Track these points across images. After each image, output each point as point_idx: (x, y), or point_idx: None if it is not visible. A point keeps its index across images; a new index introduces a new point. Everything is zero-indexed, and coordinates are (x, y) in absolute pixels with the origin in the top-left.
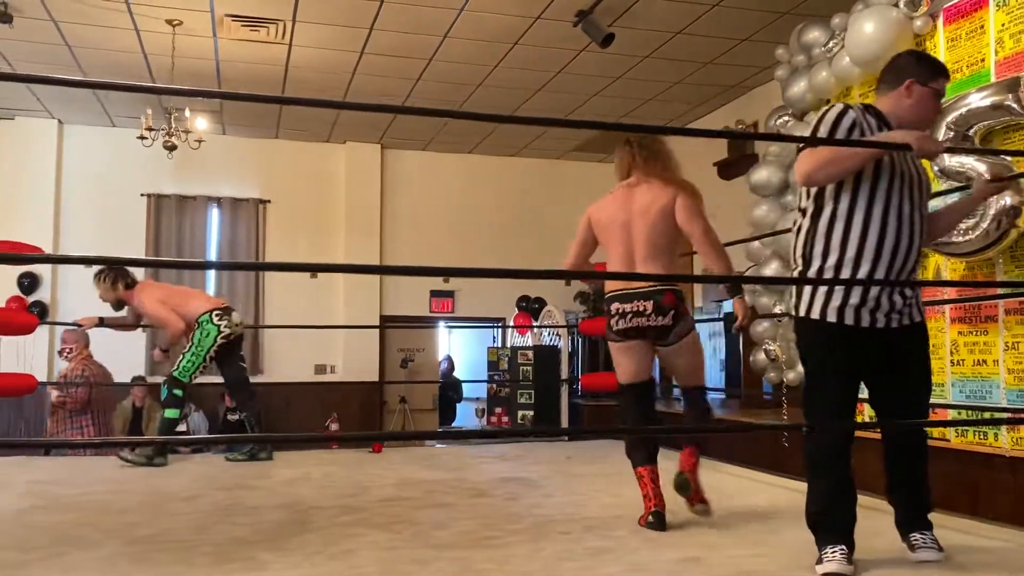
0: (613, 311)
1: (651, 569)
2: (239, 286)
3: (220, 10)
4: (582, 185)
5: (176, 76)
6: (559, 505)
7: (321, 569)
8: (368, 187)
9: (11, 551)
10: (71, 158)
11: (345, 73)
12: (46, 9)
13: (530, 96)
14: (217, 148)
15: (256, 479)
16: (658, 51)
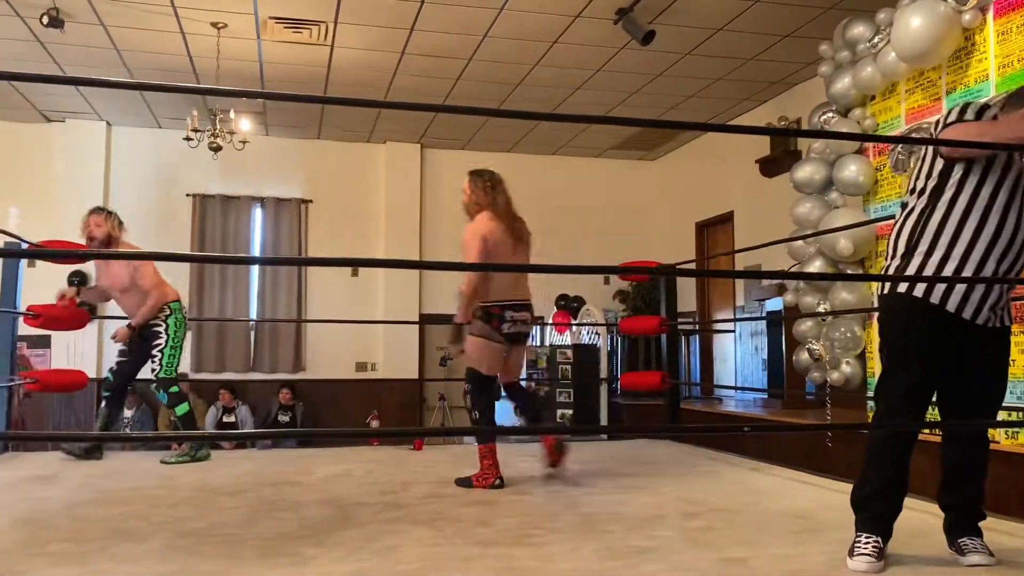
0: (507, 317)
1: (694, 568)
2: (282, 285)
3: (264, 12)
4: (622, 183)
5: (221, 78)
6: (600, 504)
7: (366, 564)
8: (408, 186)
9: (67, 543)
10: (119, 159)
11: (386, 73)
12: (96, 14)
13: (570, 94)
14: (261, 149)
15: (299, 475)
16: (699, 48)
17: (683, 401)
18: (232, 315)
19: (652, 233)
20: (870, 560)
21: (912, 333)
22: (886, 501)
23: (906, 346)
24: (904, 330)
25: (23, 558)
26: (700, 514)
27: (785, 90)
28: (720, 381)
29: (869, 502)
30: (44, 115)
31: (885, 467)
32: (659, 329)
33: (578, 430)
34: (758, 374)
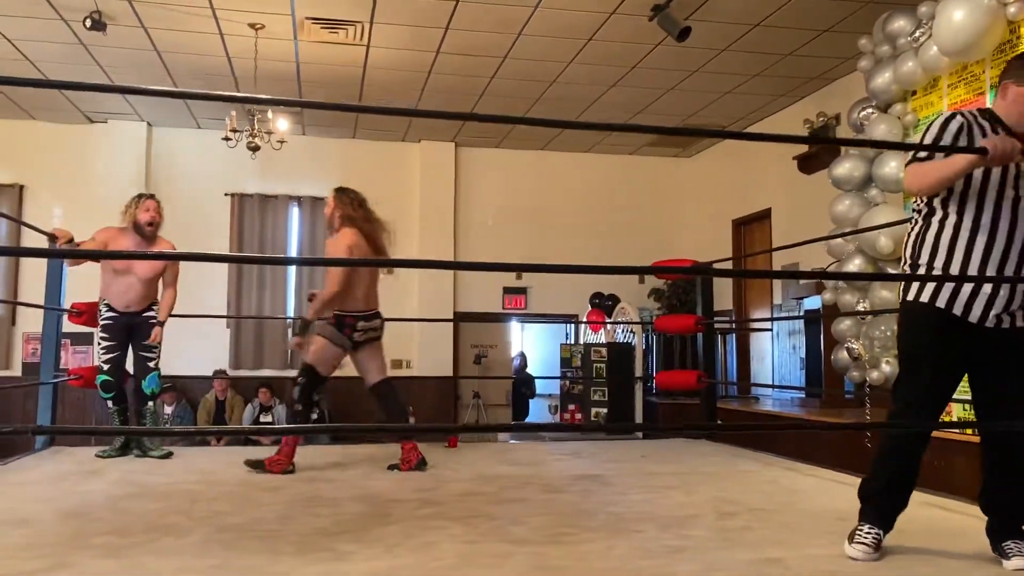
0: (359, 327)
1: (729, 568)
2: (319, 283)
3: (301, 13)
4: (657, 180)
5: (259, 79)
6: (633, 503)
7: (402, 561)
8: (442, 185)
9: (110, 536)
10: (159, 159)
11: (421, 72)
12: (137, 16)
13: (604, 92)
14: (297, 148)
15: (335, 471)
16: (736, 44)
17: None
18: (270, 313)
19: (688, 231)
20: (867, 550)
21: (921, 337)
22: (892, 497)
23: (915, 350)
24: (913, 335)
25: (69, 550)
26: (736, 514)
27: (823, 86)
28: (757, 380)
29: (877, 496)
30: (87, 116)
31: (895, 466)
32: (695, 328)
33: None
34: (795, 373)
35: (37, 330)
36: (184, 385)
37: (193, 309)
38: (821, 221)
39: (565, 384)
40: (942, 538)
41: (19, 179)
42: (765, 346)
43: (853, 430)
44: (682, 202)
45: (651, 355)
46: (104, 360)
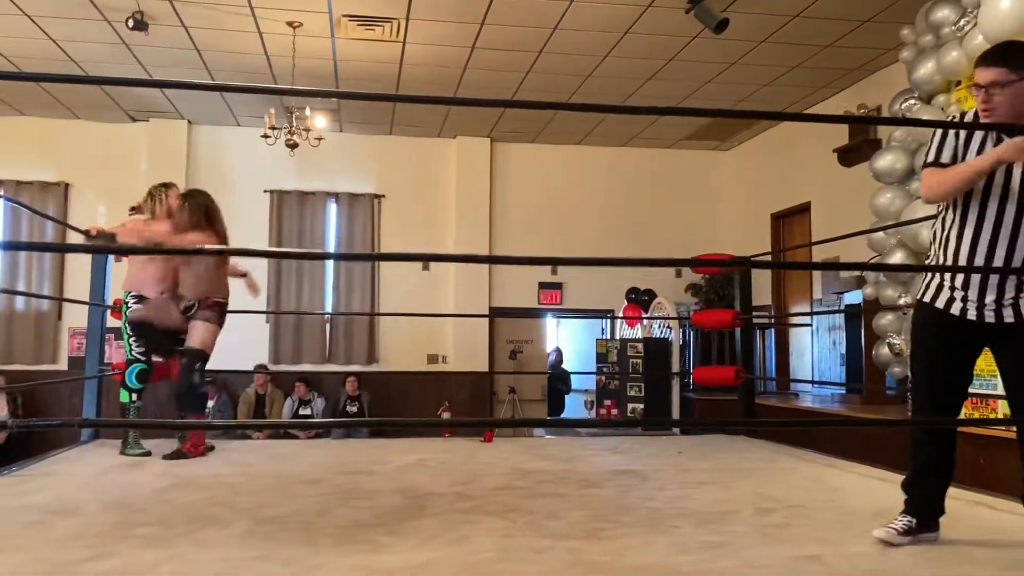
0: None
1: (769, 565)
2: (355, 279)
3: (338, 11)
4: (694, 174)
5: (296, 76)
6: (671, 499)
7: (439, 553)
8: (478, 180)
9: (154, 527)
10: (200, 157)
11: (456, 68)
12: (178, 16)
13: (640, 85)
14: (335, 145)
15: (373, 465)
16: (775, 35)
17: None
18: (308, 308)
19: (726, 225)
20: (892, 532)
21: (923, 336)
22: (923, 488)
23: (917, 348)
24: (918, 333)
25: (114, 540)
26: (775, 510)
27: (864, 77)
28: (796, 376)
29: (909, 488)
30: (130, 115)
31: (919, 457)
32: (733, 323)
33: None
34: (836, 369)
35: (82, 325)
36: (225, 380)
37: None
38: (862, 215)
39: (601, 380)
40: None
41: (64, 177)
42: (805, 341)
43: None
44: (720, 196)
45: (688, 350)
46: (139, 352)
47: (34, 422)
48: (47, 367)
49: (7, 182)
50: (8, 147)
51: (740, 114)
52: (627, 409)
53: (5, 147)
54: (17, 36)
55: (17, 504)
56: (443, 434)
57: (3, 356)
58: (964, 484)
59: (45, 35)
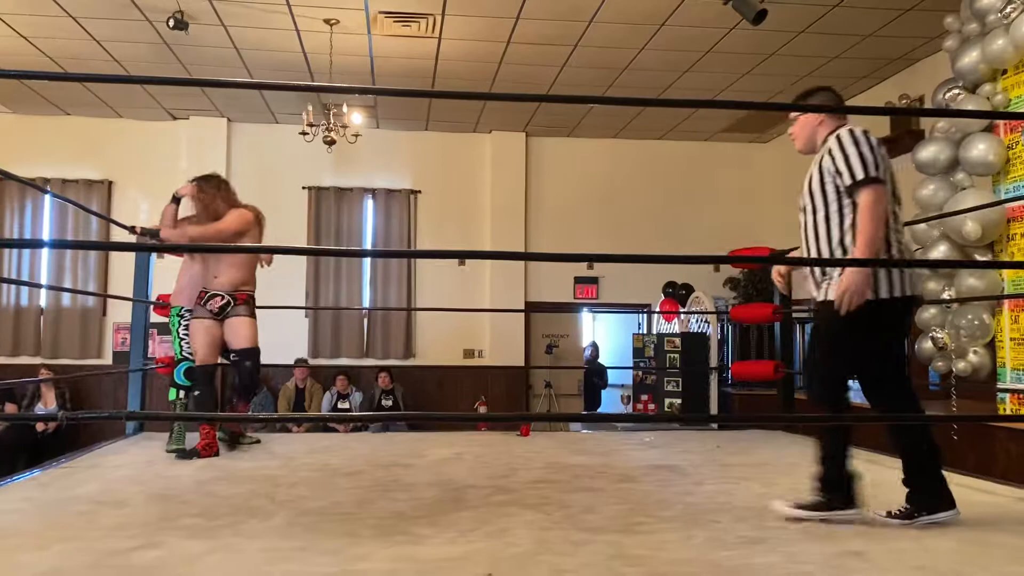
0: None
1: (809, 561)
2: (392, 274)
3: (374, 7)
4: (732, 167)
5: (333, 73)
6: (709, 493)
7: (477, 546)
8: (513, 175)
9: (198, 518)
10: (239, 154)
11: (492, 63)
12: (217, 15)
13: (677, 78)
14: (371, 142)
15: (411, 458)
16: (814, 25)
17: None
18: (346, 304)
19: (765, 218)
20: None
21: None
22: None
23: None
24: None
25: (159, 531)
26: None
27: (906, 67)
28: None
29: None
30: (170, 113)
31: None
32: (772, 317)
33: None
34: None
35: (126, 321)
36: (265, 374)
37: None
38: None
39: (638, 374)
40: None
41: (108, 175)
42: None
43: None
44: (759, 188)
45: (726, 345)
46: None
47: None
48: (92, 361)
49: (53, 180)
50: (54, 146)
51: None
52: (664, 404)
53: (51, 146)
54: (63, 37)
55: (66, 495)
56: (479, 428)
57: (51, 351)
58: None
59: (89, 36)
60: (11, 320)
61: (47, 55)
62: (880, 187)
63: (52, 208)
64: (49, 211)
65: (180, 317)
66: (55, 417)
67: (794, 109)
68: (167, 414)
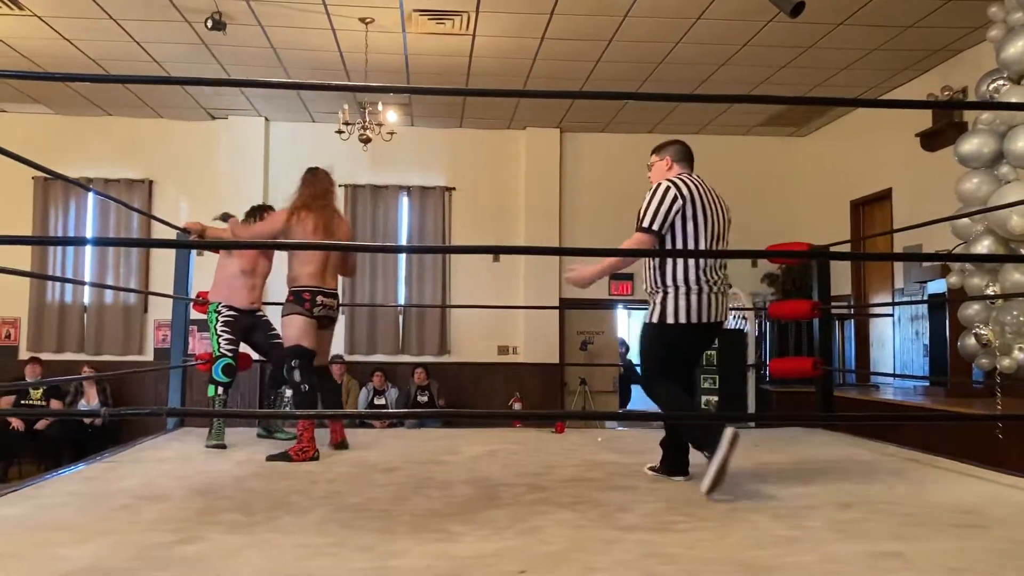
0: (317, 301)
1: (846, 560)
2: (427, 271)
3: (409, 6)
4: (770, 161)
5: (369, 71)
6: (746, 492)
7: (511, 543)
8: (547, 171)
9: (236, 513)
10: (277, 153)
11: (526, 60)
12: (255, 16)
13: (713, 71)
14: (406, 139)
15: (446, 455)
16: (853, 17)
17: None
18: (382, 300)
19: (803, 213)
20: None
21: None
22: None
23: None
24: None
25: (198, 525)
26: (853, 505)
27: (949, 58)
28: (877, 368)
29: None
30: (209, 113)
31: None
32: (811, 313)
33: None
34: (919, 360)
35: (167, 317)
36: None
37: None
38: (946, 201)
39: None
40: None
41: (148, 175)
42: (886, 332)
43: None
44: (797, 183)
45: (764, 342)
46: (227, 349)
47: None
48: (134, 358)
49: (96, 180)
50: (97, 147)
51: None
52: (701, 402)
53: (94, 147)
54: (104, 39)
55: (109, 489)
56: (513, 425)
57: (94, 347)
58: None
59: (130, 37)
60: (56, 317)
61: (89, 57)
62: (646, 236)
63: (95, 207)
64: (92, 210)
65: (218, 313)
66: (97, 413)
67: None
68: (206, 411)
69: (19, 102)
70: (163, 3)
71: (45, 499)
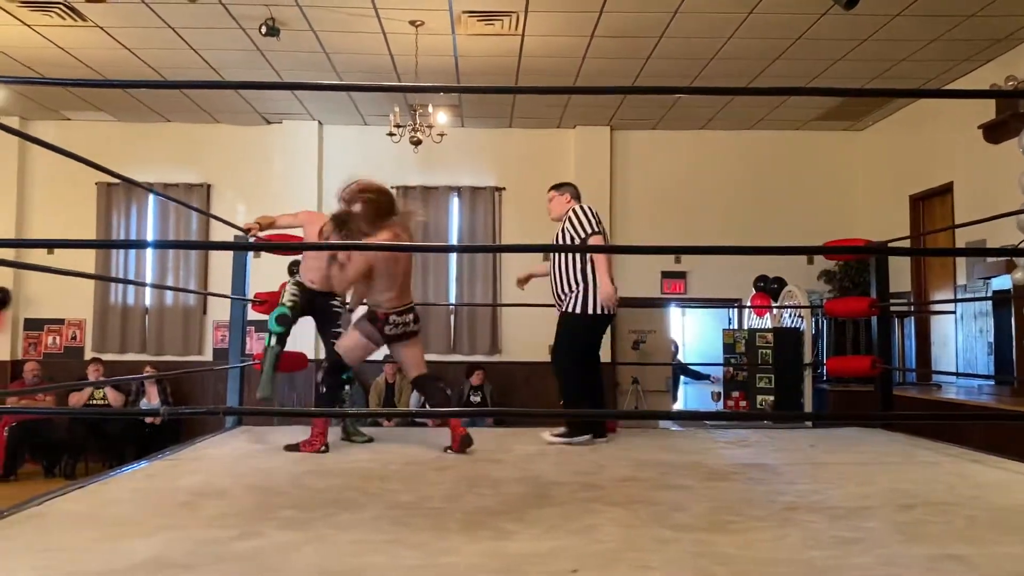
0: (390, 321)
1: (906, 563)
2: (478, 270)
3: (458, 7)
4: (825, 156)
5: (419, 73)
6: (803, 492)
7: (564, 542)
8: (597, 169)
9: (292, 510)
10: (330, 156)
11: (575, 58)
12: (307, 21)
13: (767, 66)
14: (456, 140)
15: (498, 453)
16: (911, 7)
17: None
18: (433, 300)
19: (860, 208)
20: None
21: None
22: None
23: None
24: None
25: (256, 521)
26: (914, 507)
27: (1013, 47)
28: (939, 366)
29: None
30: (264, 118)
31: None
32: (869, 311)
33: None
34: (983, 359)
35: (225, 318)
36: (357, 370)
37: None
38: (1010, 194)
39: (729, 371)
40: None
41: (206, 179)
42: (948, 330)
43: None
44: (854, 178)
45: (821, 340)
46: (288, 301)
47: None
48: (194, 358)
49: (156, 184)
50: (156, 152)
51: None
52: (756, 401)
53: (154, 152)
54: (163, 47)
55: (171, 486)
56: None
57: (155, 348)
58: None
59: (187, 45)
60: (119, 318)
61: (149, 65)
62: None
63: (155, 211)
64: (152, 214)
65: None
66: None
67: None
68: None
69: (82, 110)
70: (219, 11)
71: (110, 495)
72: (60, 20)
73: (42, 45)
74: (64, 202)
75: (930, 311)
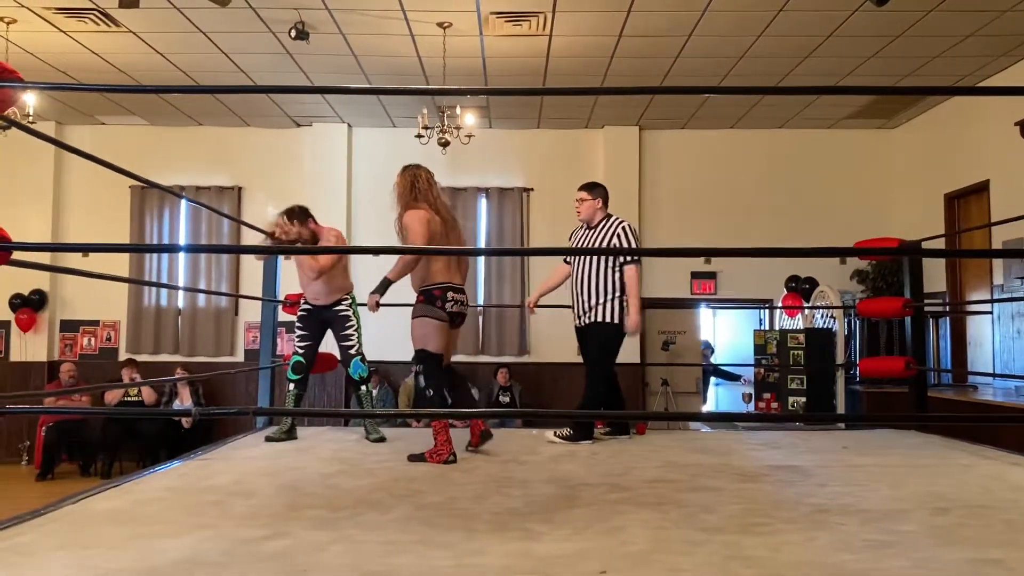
0: (448, 297)
1: (942, 567)
2: (506, 271)
3: (486, 9)
4: (857, 155)
5: (447, 75)
6: (834, 495)
7: (592, 543)
8: (626, 170)
9: (321, 509)
10: (359, 158)
11: (603, 58)
12: (336, 24)
13: (797, 64)
14: (484, 141)
15: (525, 454)
16: (945, 3)
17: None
18: None
19: (894, 207)
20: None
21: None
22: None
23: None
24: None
25: (285, 521)
26: (950, 510)
27: None
28: (975, 367)
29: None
30: (294, 120)
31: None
32: (902, 312)
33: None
34: (1020, 360)
35: (257, 320)
36: (387, 370)
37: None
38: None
39: (760, 372)
40: None
41: (237, 181)
42: (984, 331)
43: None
44: (887, 177)
45: (854, 341)
46: (299, 347)
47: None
48: (226, 359)
49: (188, 188)
50: (188, 156)
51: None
52: (788, 402)
53: (186, 156)
54: (194, 52)
55: (202, 485)
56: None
57: (188, 349)
58: None
59: (218, 49)
60: (152, 320)
61: (181, 69)
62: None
63: (187, 214)
64: (185, 217)
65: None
66: (188, 412)
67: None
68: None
69: (116, 114)
70: (249, 15)
71: (143, 494)
72: (94, 26)
73: (77, 51)
74: (98, 205)
75: (966, 311)
